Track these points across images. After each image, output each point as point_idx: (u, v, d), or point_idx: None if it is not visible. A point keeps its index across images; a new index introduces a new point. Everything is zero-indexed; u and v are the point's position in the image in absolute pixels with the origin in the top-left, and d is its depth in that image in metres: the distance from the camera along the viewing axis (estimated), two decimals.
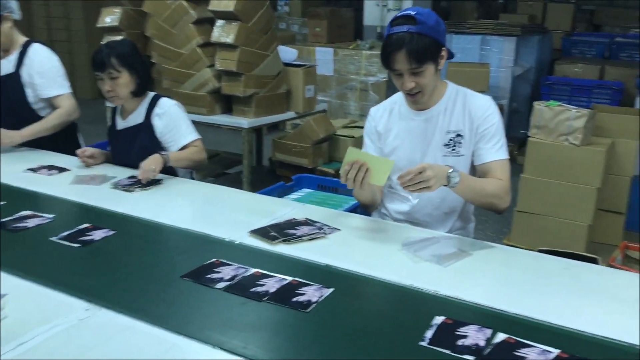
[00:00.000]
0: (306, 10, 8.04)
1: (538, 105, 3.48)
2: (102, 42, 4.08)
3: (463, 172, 1.82)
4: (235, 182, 4.33)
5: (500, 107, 6.04)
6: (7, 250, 1.73)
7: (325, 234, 1.89)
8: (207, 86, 3.82)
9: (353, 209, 2.51)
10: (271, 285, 1.53)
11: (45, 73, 2.84)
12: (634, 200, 3.66)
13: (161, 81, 4.05)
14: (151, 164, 2.34)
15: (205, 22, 3.85)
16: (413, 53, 1.82)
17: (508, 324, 1.37)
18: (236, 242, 1.82)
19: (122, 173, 2.49)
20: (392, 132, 2.10)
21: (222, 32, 3.63)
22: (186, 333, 1.30)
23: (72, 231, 1.87)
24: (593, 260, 1.86)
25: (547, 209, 3.50)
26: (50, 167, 2.56)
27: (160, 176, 2.46)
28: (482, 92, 5.78)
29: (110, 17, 4.09)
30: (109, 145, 2.74)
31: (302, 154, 3.85)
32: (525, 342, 1.29)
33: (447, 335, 1.32)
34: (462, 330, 1.34)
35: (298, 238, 1.83)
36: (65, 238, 1.83)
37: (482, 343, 1.29)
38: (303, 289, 1.51)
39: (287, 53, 4.30)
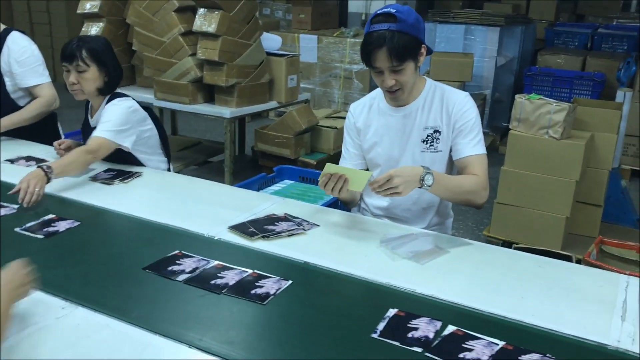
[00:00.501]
0: None
1: (519, 99, 3.50)
2: (83, 29, 4.05)
3: (438, 172, 1.84)
4: (217, 170, 4.32)
5: (483, 97, 6.07)
6: None
7: (304, 230, 1.90)
8: (189, 75, 3.79)
9: (333, 203, 2.52)
10: (231, 278, 1.56)
11: (24, 62, 2.79)
12: (611, 193, 3.72)
13: (142, 69, 4.00)
14: (32, 185, 2.04)
15: (188, 10, 3.81)
16: (394, 51, 1.82)
17: (458, 317, 1.41)
18: (215, 238, 1.82)
19: (100, 166, 2.47)
20: (371, 128, 2.11)
21: (203, 21, 3.59)
22: (160, 331, 1.31)
23: (37, 222, 1.89)
24: (568, 258, 1.89)
25: (526, 201, 3.54)
26: (29, 158, 2.53)
27: (139, 168, 2.44)
28: (465, 82, 5.79)
29: (90, 4, 4.02)
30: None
31: (284, 145, 3.84)
32: (472, 334, 1.33)
33: (398, 328, 1.36)
34: (414, 322, 1.39)
35: (277, 234, 1.84)
36: (31, 229, 1.84)
37: (431, 335, 1.33)
38: (262, 282, 1.54)
39: (271, 41, 4.28)
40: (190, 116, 4.40)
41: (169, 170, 2.73)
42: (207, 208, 2.08)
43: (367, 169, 2.19)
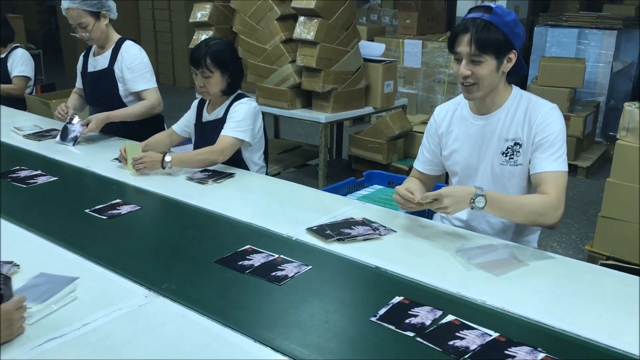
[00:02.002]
0: (398, 1, 7.97)
1: (628, 107, 3.29)
2: (194, 37, 4.32)
3: (494, 193, 1.79)
4: (313, 173, 4.43)
5: (596, 105, 5.73)
6: (99, 235, 1.92)
7: (380, 235, 1.92)
8: (289, 81, 3.92)
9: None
10: (290, 270, 1.67)
11: (134, 69, 3.04)
12: None
13: (246, 75, 4.20)
14: (145, 163, 2.47)
15: (289, 19, 3.94)
16: (476, 39, 1.80)
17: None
18: (293, 239, 1.89)
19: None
20: (452, 134, 2.09)
21: (303, 29, 3.70)
22: (228, 324, 1.40)
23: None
24: None
25: (633, 215, 3.31)
26: None
27: (233, 170, 2.58)
28: (576, 88, 5.51)
29: (200, 13, 4.28)
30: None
31: (377, 150, 3.87)
32: (467, 324, 1.38)
33: (398, 313, 1.43)
34: (415, 310, 1.45)
35: (352, 238, 1.88)
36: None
37: (428, 322, 1.39)
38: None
39: (374, 49, 4.31)
40: (294, 121, 4.55)
41: (266, 169, 2.86)
42: (289, 209, 2.17)
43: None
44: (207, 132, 2.77)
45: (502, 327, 1.40)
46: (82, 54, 3.24)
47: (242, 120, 2.61)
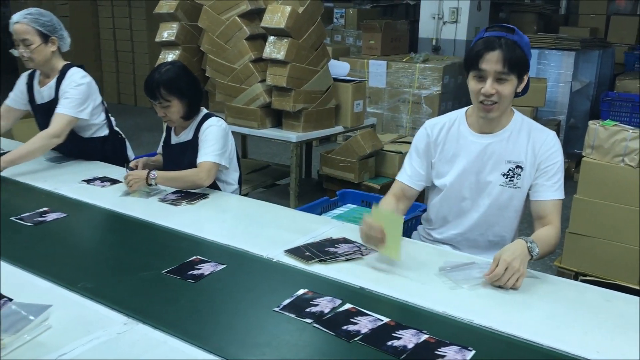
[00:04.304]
0: (361, 22, 8.07)
1: (593, 125, 3.37)
2: (160, 57, 4.26)
3: (534, 238, 1.76)
4: (284, 193, 4.39)
5: (557, 123, 5.88)
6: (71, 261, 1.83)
7: (362, 254, 1.90)
8: (259, 100, 3.89)
9: None
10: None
11: (66, 93, 2.82)
12: None
13: (215, 95, 4.15)
14: (132, 180, 2.42)
15: (258, 38, 3.92)
16: (507, 57, 1.79)
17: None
18: (273, 260, 1.85)
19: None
20: (447, 150, 2.05)
21: (273, 49, 3.69)
22: (212, 349, 1.35)
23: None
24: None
25: (600, 231, 3.38)
26: (104, 179, 2.67)
27: (207, 190, 2.53)
28: (538, 107, 5.64)
29: (167, 32, 4.22)
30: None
31: (348, 169, 3.86)
32: (362, 311, 1.50)
33: (299, 304, 1.54)
34: (316, 300, 1.56)
35: (335, 258, 1.85)
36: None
37: (327, 310, 1.51)
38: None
39: (340, 68, 4.33)
40: (261, 140, 4.53)
41: (239, 189, 2.82)
42: (267, 230, 2.12)
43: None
44: (175, 155, 2.72)
45: (491, 346, 1.40)
46: (27, 73, 3.00)
47: (215, 143, 2.56)
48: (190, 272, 1.74)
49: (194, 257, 1.84)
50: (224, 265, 1.79)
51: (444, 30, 7.44)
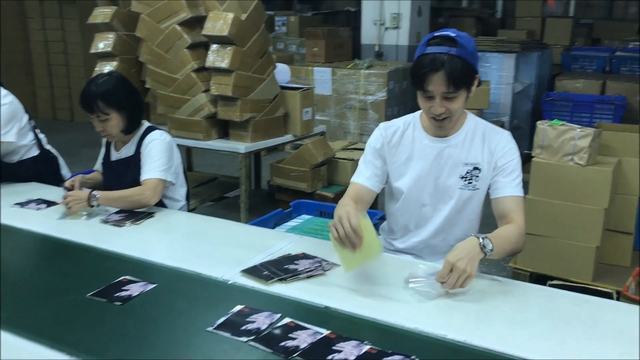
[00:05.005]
0: (303, 30, 8.01)
1: (541, 125, 3.39)
2: (96, 68, 4.05)
3: (489, 235, 1.70)
4: (233, 206, 4.25)
5: (502, 125, 5.96)
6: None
7: (324, 270, 1.80)
8: (203, 111, 3.75)
9: None
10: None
11: None
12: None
13: (156, 107, 3.98)
14: (72, 202, 2.24)
15: (200, 47, 3.78)
16: (451, 77, 1.72)
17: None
18: (229, 282, 1.72)
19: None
20: (402, 154, 1.99)
21: (216, 57, 3.56)
22: None
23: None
24: (606, 294, 1.76)
25: (553, 230, 3.40)
26: (39, 201, 2.47)
27: (153, 208, 2.38)
28: (483, 109, 5.70)
29: (103, 43, 4.02)
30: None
31: (300, 178, 3.77)
32: (302, 325, 1.44)
33: (235, 321, 1.47)
34: (253, 317, 1.49)
35: (296, 276, 1.74)
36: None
37: (264, 326, 1.44)
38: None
39: (280, 73, 4.21)
40: (205, 152, 4.38)
41: (187, 205, 2.67)
42: (220, 249, 1.99)
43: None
44: (117, 172, 2.55)
45: (435, 353, 1.36)
46: None
47: (159, 158, 2.41)
48: (117, 294, 1.63)
49: (122, 278, 1.72)
50: (154, 285, 1.68)
51: (386, 36, 7.46)
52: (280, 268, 1.78)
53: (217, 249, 1.99)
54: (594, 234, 3.29)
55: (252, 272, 1.77)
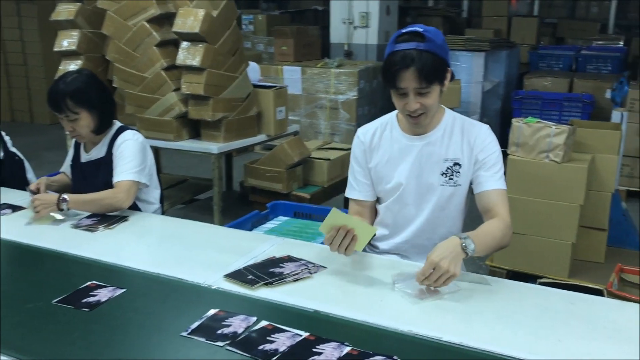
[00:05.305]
0: (271, 28, 7.92)
1: (517, 123, 3.39)
2: (60, 67, 3.89)
3: (470, 233, 1.67)
4: (205, 209, 4.15)
5: None
6: None
7: (311, 273, 1.73)
8: (174, 111, 3.64)
9: None
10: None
11: None
12: (612, 216, 3.60)
13: (124, 106, 3.84)
14: (40, 206, 2.14)
15: (170, 44, 3.67)
16: (422, 72, 1.68)
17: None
18: (213, 288, 1.65)
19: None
20: (382, 157, 1.96)
21: (187, 55, 3.45)
22: None
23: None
24: (596, 291, 1.74)
25: (529, 228, 3.40)
26: (4, 206, 2.34)
27: (126, 212, 2.27)
28: (454, 108, 5.74)
29: (67, 41, 3.87)
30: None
31: (275, 179, 3.69)
32: (280, 327, 1.40)
33: (210, 325, 1.42)
34: (229, 320, 1.44)
35: (282, 279, 1.67)
36: None
37: (240, 330, 1.39)
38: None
39: (251, 71, 4.12)
40: (174, 153, 4.26)
41: (162, 208, 2.58)
42: (200, 253, 1.91)
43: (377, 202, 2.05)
44: (87, 174, 2.44)
45: (416, 352, 1.33)
46: None
47: (132, 160, 2.31)
48: (84, 300, 1.56)
49: (90, 283, 1.65)
50: (123, 290, 1.62)
51: (355, 35, 7.43)
52: (265, 272, 1.71)
53: (197, 253, 1.91)
54: (570, 230, 3.31)
55: (236, 276, 1.69)
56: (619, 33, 8.53)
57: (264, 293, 1.60)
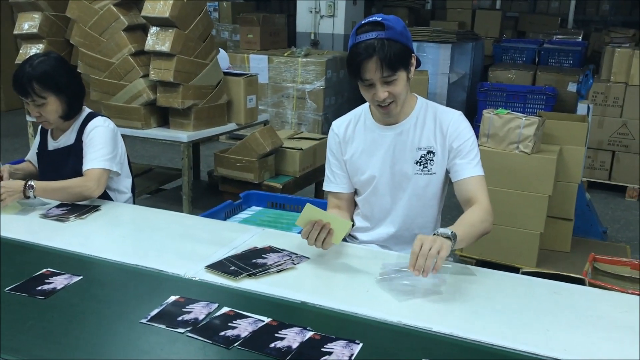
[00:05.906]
0: (237, 16, 7.80)
1: (487, 114, 3.43)
2: (21, 51, 3.74)
3: (453, 227, 1.67)
4: (173, 199, 4.06)
5: None
6: None
7: (294, 263, 1.71)
8: (141, 98, 3.53)
9: None
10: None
11: None
12: (577, 206, 3.68)
13: (89, 93, 3.71)
14: (5, 193, 2.04)
15: (138, 29, 3.56)
16: (385, 60, 1.68)
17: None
18: (195, 279, 1.60)
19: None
20: (357, 149, 1.95)
21: (156, 40, 3.35)
22: None
23: None
24: (578, 280, 1.77)
25: (498, 218, 3.39)
26: None
27: (97, 201, 2.20)
28: None
29: (28, 23, 3.72)
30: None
31: (247, 169, 3.62)
32: (241, 313, 1.40)
33: (170, 312, 1.40)
34: (190, 307, 1.43)
35: (266, 270, 1.64)
36: None
37: (201, 316, 1.39)
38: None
39: (219, 59, 4.04)
40: (137, 141, 4.14)
41: (133, 196, 2.50)
42: (178, 244, 1.86)
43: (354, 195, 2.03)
44: (55, 162, 2.35)
45: (379, 337, 1.33)
46: None
47: (103, 147, 2.23)
48: (39, 288, 1.52)
49: (45, 270, 1.61)
50: (80, 277, 1.58)
51: (321, 25, 7.40)
52: (247, 263, 1.68)
53: (175, 243, 1.86)
54: (539, 220, 3.37)
55: (218, 267, 1.65)
56: (577, 28, 8.73)
57: (247, 284, 1.57)
